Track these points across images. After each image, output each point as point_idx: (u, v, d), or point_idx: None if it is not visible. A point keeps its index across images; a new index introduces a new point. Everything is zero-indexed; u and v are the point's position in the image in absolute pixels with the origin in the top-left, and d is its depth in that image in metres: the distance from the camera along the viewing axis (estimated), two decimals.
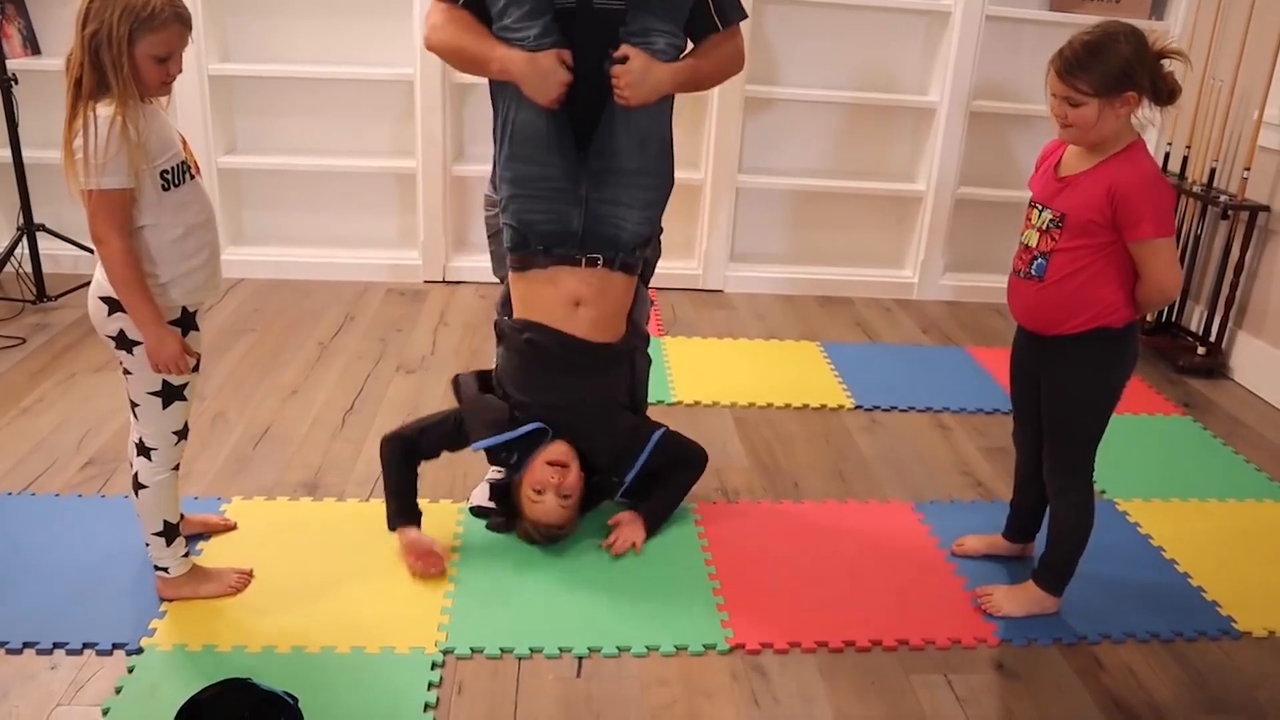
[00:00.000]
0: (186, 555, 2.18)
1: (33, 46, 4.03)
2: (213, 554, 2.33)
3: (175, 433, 2.07)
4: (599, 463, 2.48)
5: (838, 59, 4.32)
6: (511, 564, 2.38)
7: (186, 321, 2.01)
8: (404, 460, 2.42)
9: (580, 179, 2.34)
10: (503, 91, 2.35)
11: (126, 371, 2.00)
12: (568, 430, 2.41)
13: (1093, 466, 2.22)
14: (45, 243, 3.86)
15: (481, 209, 2.66)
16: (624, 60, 2.24)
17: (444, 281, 4.30)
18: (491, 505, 2.54)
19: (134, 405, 2.03)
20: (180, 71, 1.91)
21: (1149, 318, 4.03)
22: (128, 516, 2.43)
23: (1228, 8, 3.86)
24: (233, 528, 2.44)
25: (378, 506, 2.54)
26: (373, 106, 4.21)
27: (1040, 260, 2.10)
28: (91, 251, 3.80)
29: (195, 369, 2.05)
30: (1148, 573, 2.50)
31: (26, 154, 3.76)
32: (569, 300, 2.40)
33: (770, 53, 4.26)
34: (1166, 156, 4.10)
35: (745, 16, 2.45)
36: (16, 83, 3.62)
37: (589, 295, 2.40)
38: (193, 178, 1.98)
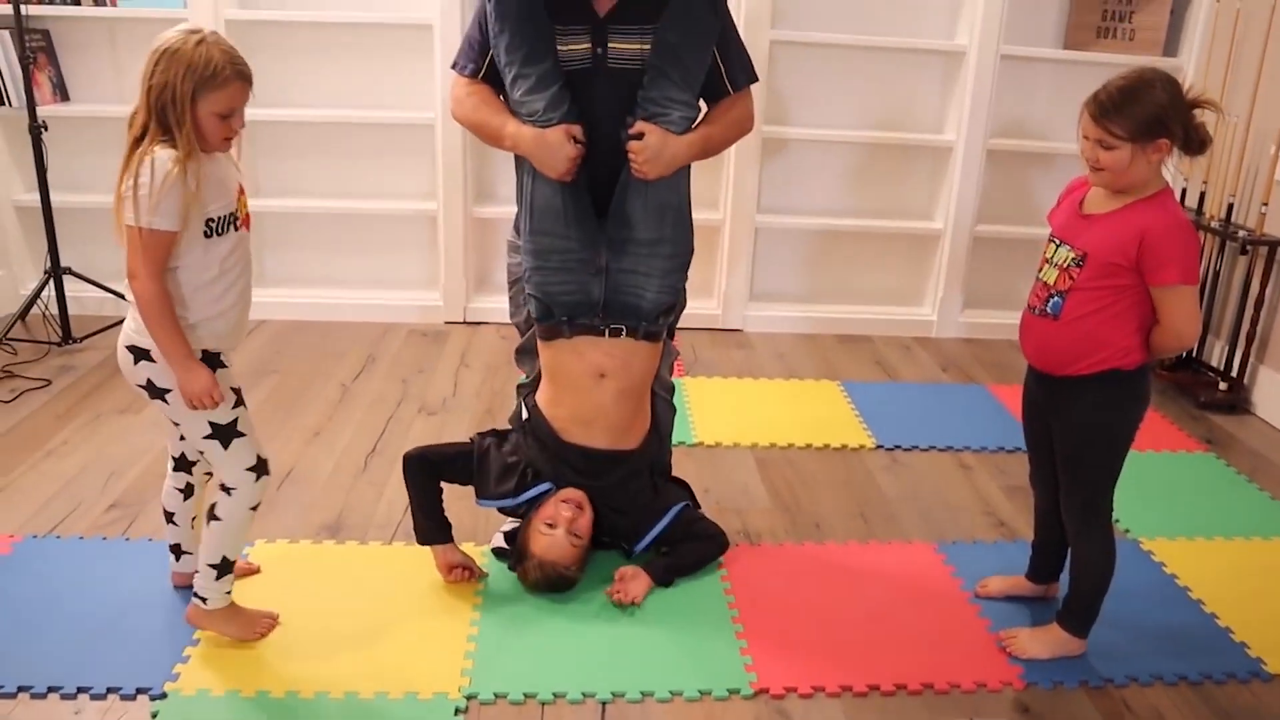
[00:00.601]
0: (229, 592, 2.19)
1: (62, 93, 4.11)
2: (236, 597, 2.33)
3: (250, 469, 2.07)
4: (613, 526, 2.49)
5: (854, 99, 4.36)
6: (534, 607, 2.38)
7: (212, 361, 2.02)
8: (428, 479, 2.44)
9: (599, 248, 2.37)
10: (522, 160, 2.39)
11: (175, 423, 2.01)
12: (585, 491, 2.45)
13: (1111, 506, 2.20)
14: (71, 285, 3.91)
15: (503, 252, 2.69)
16: (639, 136, 2.27)
17: (465, 322, 4.33)
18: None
19: (200, 454, 2.05)
20: (243, 126, 1.95)
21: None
22: (152, 559, 2.46)
23: (1241, 43, 3.88)
24: (256, 571, 2.45)
25: (400, 550, 2.55)
26: (395, 149, 4.26)
27: (1056, 299, 2.09)
28: (118, 295, 3.86)
29: (239, 404, 2.06)
30: (1174, 613, 2.47)
31: (54, 198, 3.82)
32: (594, 373, 2.42)
33: (787, 93, 4.30)
34: (1184, 192, 4.10)
35: (756, 80, 2.49)
36: (46, 129, 3.69)
37: (613, 368, 2.42)
38: (238, 229, 2.00)
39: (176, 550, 2.31)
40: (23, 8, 3.57)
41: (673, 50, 2.29)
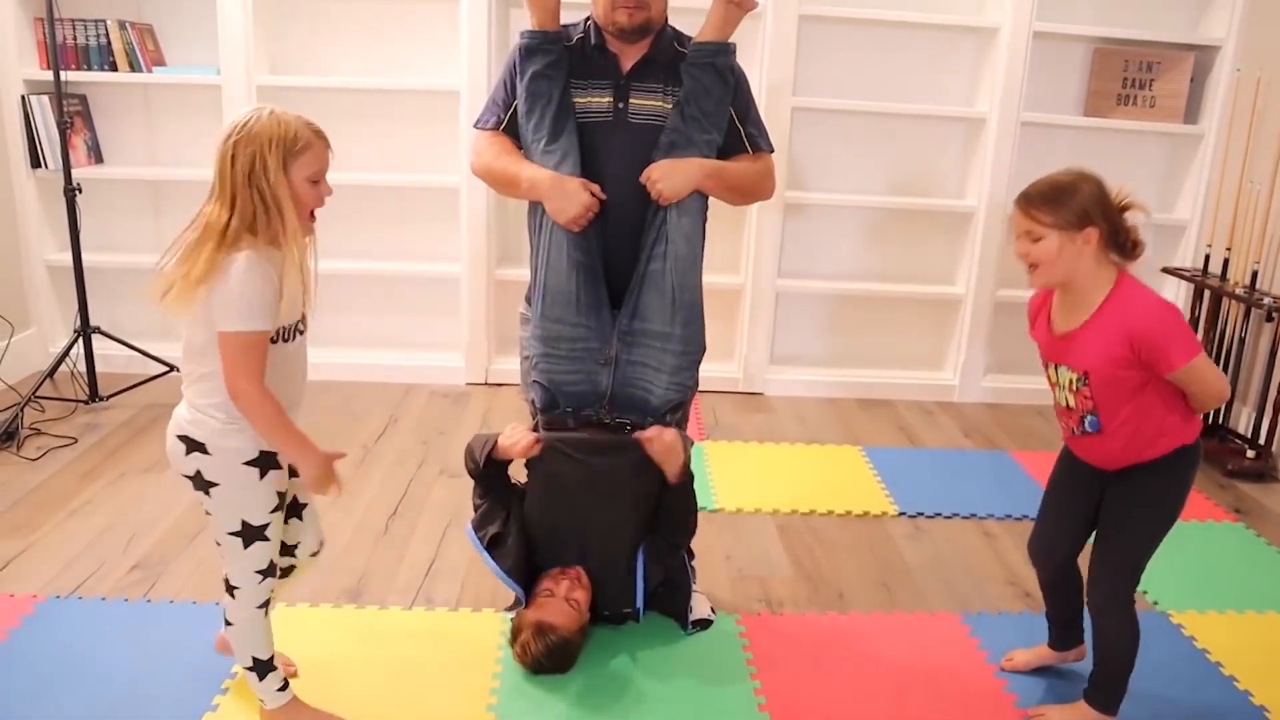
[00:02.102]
0: (284, 689, 2.11)
1: (96, 156, 4.20)
2: None
3: (259, 572, 1.99)
4: (606, 597, 2.46)
5: (875, 164, 4.40)
6: (554, 675, 2.35)
7: (269, 461, 1.95)
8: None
9: (610, 338, 2.39)
10: (537, 233, 2.43)
11: (207, 512, 1.96)
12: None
13: (1139, 580, 2.17)
14: (97, 343, 3.95)
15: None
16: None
17: (487, 384, 4.35)
18: None
19: (218, 544, 1.99)
20: (330, 192, 1.92)
21: None
22: (174, 621, 2.47)
23: (1263, 111, 3.89)
24: (294, 673, 2.29)
25: (421, 615, 2.54)
26: (419, 213, 4.32)
27: (1090, 417, 2.08)
28: (144, 354, 3.89)
29: (278, 509, 1.99)
30: (1206, 691, 2.42)
31: (85, 258, 3.87)
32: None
33: (808, 159, 4.34)
34: (1206, 259, 4.09)
35: (773, 149, 2.54)
36: (80, 191, 3.76)
37: None
38: (301, 334, 1.97)
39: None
40: (62, 74, 3.66)
41: (693, 97, 2.36)
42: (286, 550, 2.15)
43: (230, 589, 2.01)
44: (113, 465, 3.39)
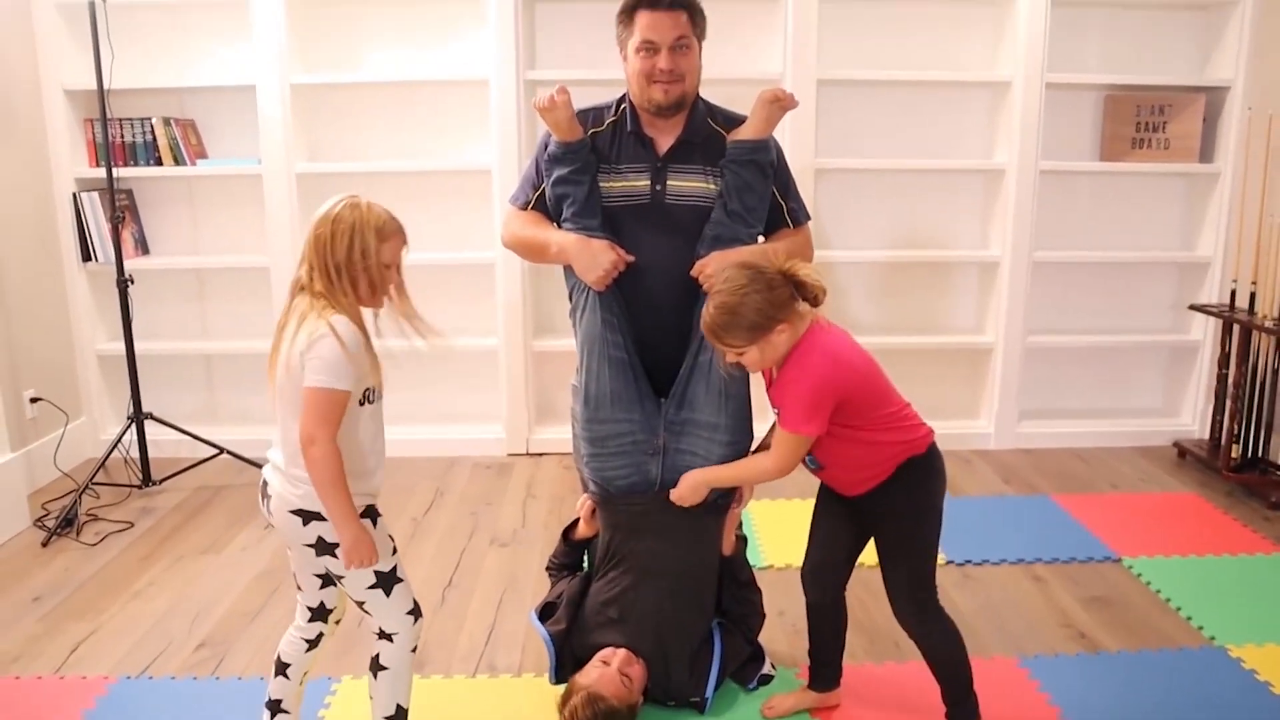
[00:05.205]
0: None
1: (143, 248, 4.34)
2: None
3: (409, 613, 2.10)
4: (672, 684, 2.46)
5: (898, 219, 4.49)
6: None
7: (372, 511, 2.08)
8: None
9: (658, 429, 2.42)
10: (578, 333, 2.48)
11: (339, 577, 2.05)
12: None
13: (935, 587, 2.27)
14: (149, 429, 4.04)
15: (562, 381, 2.76)
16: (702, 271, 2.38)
17: (528, 454, 4.41)
18: None
19: (360, 603, 2.07)
20: (401, 278, 2.08)
21: (1233, 455, 4.00)
22: (243, 698, 2.51)
23: (1276, 150, 3.97)
24: None
25: (484, 683, 2.57)
26: (456, 289, 4.41)
27: (808, 455, 2.23)
28: (195, 437, 3.97)
29: (395, 550, 2.11)
30: None
31: (136, 346, 3.98)
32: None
33: (832, 216, 4.43)
34: (1233, 294, 4.14)
35: (810, 218, 2.63)
36: (133, 283, 3.89)
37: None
38: (381, 396, 2.10)
39: (274, 707, 2.19)
40: (113, 170, 3.81)
41: (736, 192, 2.42)
42: (323, 616, 2.20)
43: (387, 636, 2.09)
44: (170, 548, 3.46)
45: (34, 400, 3.98)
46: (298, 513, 2.01)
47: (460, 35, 4.25)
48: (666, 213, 2.45)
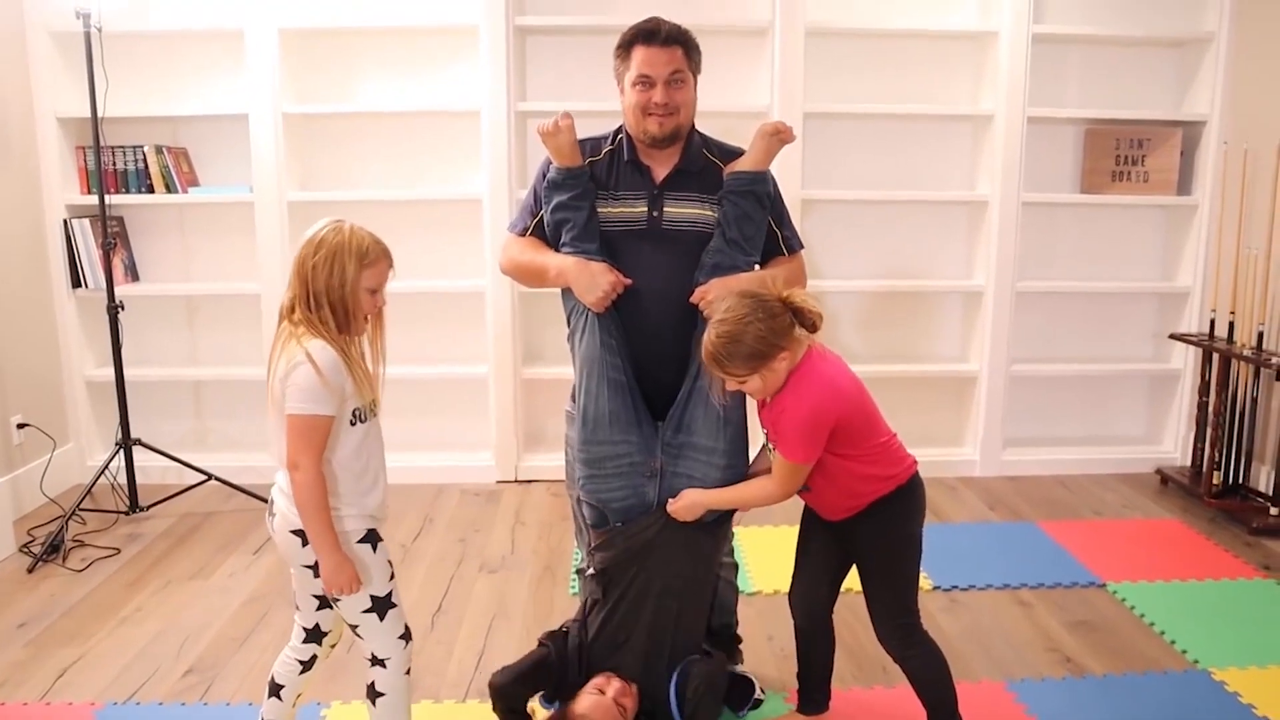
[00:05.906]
0: None
1: (133, 274, 4.36)
2: None
3: (400, 638, 2.11)
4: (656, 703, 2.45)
5: (883, 250, 4.55)
6: None
7: (374, 536, 2.10)
8: (517, 700, 2.43)
9: (655, 451, 2.44)
10: (575, 356, 2.49)
11: (335, 600, 2.06)
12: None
13: (918, 611, 2.32)
14: (137, 455, 4.03)
15: (552, 409, 2.78)
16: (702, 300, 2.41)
17: (517, 481, 4.42)
18: None
19: (353, 627, 2.08)
20: (385, 303, 2.11)
21: (1214, 481, 4.05)
22: None
23: (1252, 182, 4.05)
24: None
25: (474, 708, 2.57)
26: (445, 316, 4.45)
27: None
28: (183, 463, 3.98)
29: (392, 575, 2.13)
30: None
31: (126, 372, 3.98)
32: None
33: (818, 247, 4.47)
34: (1212, 324, 4.21)
35: (803, 246, 2.67)
36: (123, 308, 3.90)
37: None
38: (375, 414, 2.11)
39: None
40: (105, 197, 3.83)
41: (734, 222, 2.46)
42: (318, 638, 2.20)
43: (379, 662, 2.10)
44: (157, 574, 3.45)
45: (21, 426, 3.98)
46: (298, 533, 2.03)
47: (452, 67, 4.31)
48: (663, 237, 2.48)
